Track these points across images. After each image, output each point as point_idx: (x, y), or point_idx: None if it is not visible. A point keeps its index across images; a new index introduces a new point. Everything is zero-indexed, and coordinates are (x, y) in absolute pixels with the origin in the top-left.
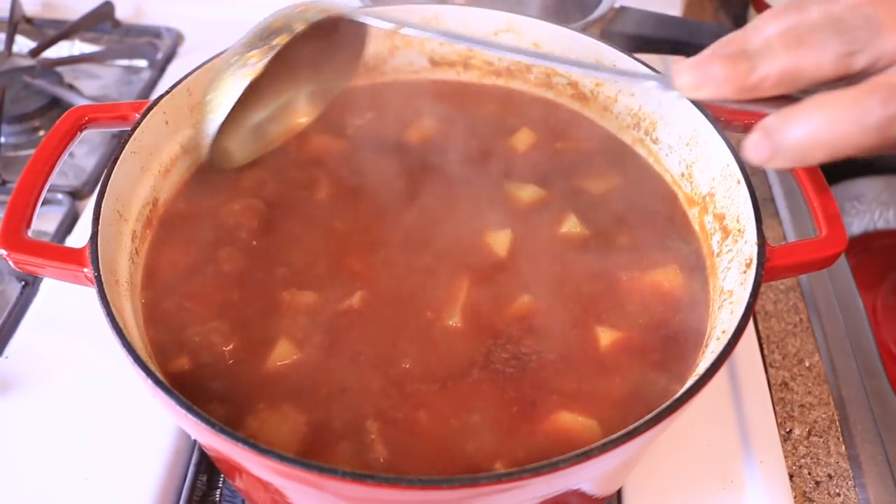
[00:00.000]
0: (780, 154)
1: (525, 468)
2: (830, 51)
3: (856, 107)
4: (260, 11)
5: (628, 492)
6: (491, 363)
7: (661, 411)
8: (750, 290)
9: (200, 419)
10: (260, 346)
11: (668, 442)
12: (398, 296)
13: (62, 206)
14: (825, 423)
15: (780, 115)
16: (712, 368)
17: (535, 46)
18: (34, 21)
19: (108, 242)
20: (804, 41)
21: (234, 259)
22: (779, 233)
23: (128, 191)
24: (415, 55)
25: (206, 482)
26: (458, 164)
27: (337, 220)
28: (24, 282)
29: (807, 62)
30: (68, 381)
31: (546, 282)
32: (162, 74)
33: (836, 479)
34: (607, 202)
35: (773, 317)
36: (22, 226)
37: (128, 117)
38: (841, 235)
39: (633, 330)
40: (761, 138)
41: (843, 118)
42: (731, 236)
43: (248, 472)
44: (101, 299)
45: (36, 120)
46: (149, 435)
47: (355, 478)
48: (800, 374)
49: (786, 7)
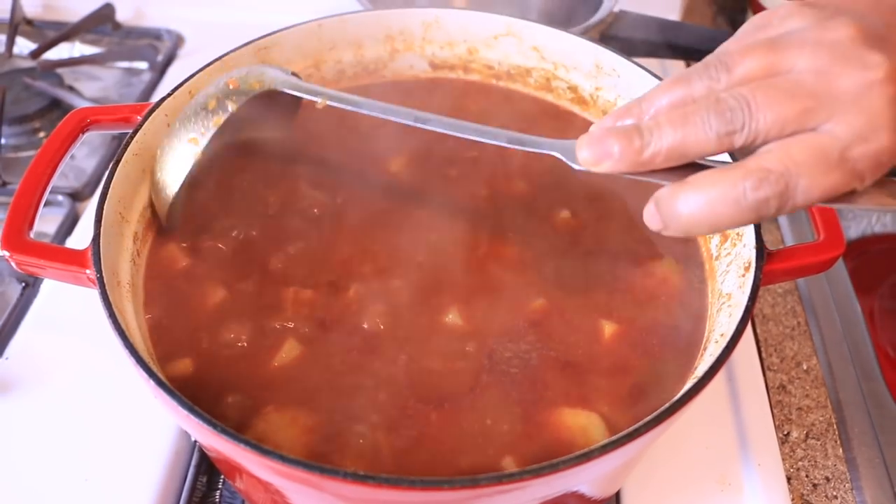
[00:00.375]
0: (669, 226)
1: (526, 469)
2: (713, 130)
3: (731, 191)
4: (258, 14)
5: (627, 494)
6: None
7: (660, 413)
8: (748, 293)
9: (203, 420)
10: (264, 347)
11: (666, 444)
12: (399, 297)
13: (62, 208)
14: (822, 426)
15: (669, 189)
16: (711, 371)
17: (534, 50)
18: (35, 23)
19: (110, 244)
20: (688, 119)
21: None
22: (777, 236)
23: (129, 192)
24: (415, 58)
25: (205, 483)
26: (458, 163)
27: (337, 214)
28: (25, 283)
29: (692, 139)
30: (68, 383)
31: (543, 283)
32: (162, 76)
33: (833, 481)
34: (606, 203)
35: (771, 320)
36: (24, 227)
37: (130, 119)
38: (839, 239)
39: (632, 331)
40: (654, 210)
41: (719, 200)
42: (730, 240)
43: (249, 473)
44: (104, 301)
45: (36, 121)
46: (149, 436)
47: (356, 478)
48: (797, 378)
49: (675, 79)
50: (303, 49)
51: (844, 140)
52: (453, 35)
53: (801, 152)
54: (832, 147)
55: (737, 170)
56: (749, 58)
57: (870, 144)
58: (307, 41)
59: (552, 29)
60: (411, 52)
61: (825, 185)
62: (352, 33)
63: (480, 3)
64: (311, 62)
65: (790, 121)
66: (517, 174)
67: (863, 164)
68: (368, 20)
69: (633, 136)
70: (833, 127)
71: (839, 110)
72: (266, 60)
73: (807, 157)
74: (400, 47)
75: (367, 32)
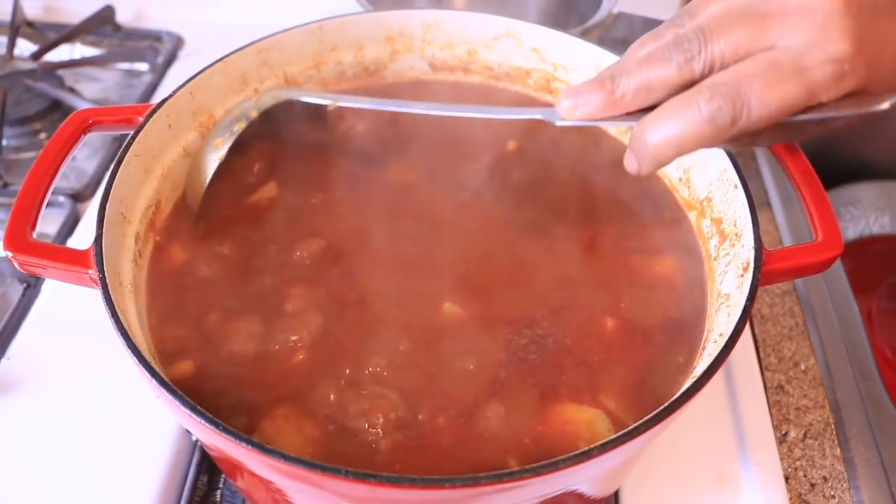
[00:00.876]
0: (642, 160)
1: (526, 468)
2: (673, 62)
3: (687, 108)
4: (258, 16)
5: (625, 493)
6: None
7: (658, 413)
8: (747, 293)
9: (205, 419)
10: (270, 347)
11: (665, 443)
12: (403, 289)
13: (64, 209)
14: (820, 426)
15: (638, 124)
16: (709, 371)
17: (534, 51)
18: (35, 24)
19: (112, 244)
20: (653, 58)
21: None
22: (775, 237)
23: (131, 193)
24: (415, 60)
25: (206, 482)
26: (457, 162)
27: (342, 212)
28: (27, 283)
29: (655, 74)
30: (70, 383)
31: (541, 285)
32: (162, 78)
33: (830, 481)
34: (605, 205)
35: (770, 320)
36: (27, 228)
37: (131, 120)
38: (836, 240)
39: (632, 331)
40: (629, 151)
41: (679, 120)
42: (729, 240)
43: (251, 472)
44: (106, 301)
45: (37, 123)
46: (150, 436)
47: (357, 477)
48: (795, 378)
49: (647, 35)
50: (303, 50)
51: (797, 50)
52: (453, 36)
53: (753, 64)
54: (785, 58)
55: (692, 90)
56: (709, 1)
57: (825, 53)
58: (308, 43)
59: (551, 30)
60: (411, 54)
61: (780, 94)
62: (352, 35)
63: (480, 5)
64: (311, 63)
65: (743, 40)
66: (516, 175)
67: (820, 72)
68: (369, 21)
69: (605, 81)
70: (787, 42)
71: (790, 23)
72: (267, 62)
73: (758, 68)
74: (400, 48)
75: (367, 34)
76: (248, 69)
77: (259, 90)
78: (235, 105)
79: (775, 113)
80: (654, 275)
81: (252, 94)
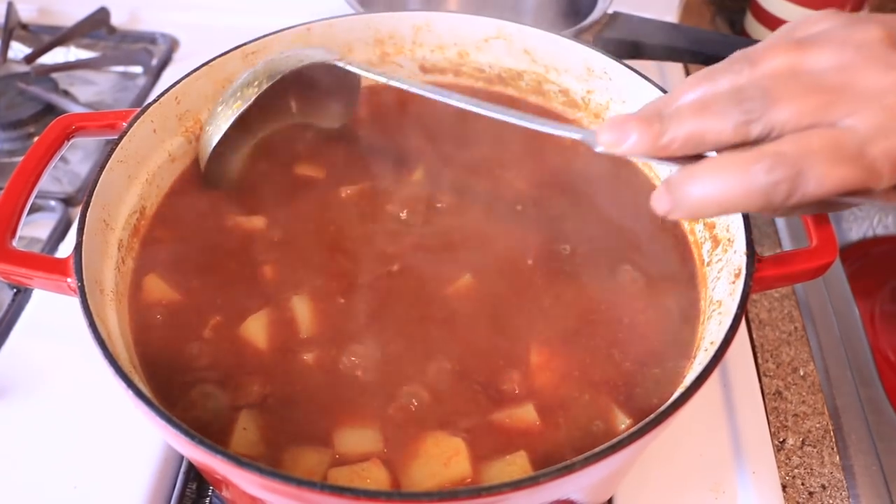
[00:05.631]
0: (678, 208)
1: (504, 483)
2: (731, 118)
3: (743, 173)
4: (253, 18)
5: (619, 501)
6: None
7: (645, 424)
8: (738, 301)
9: (180, 430)
10: None
11: (659, 451)
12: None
13: (55, 213)
14: (819, 433)
15: (682, 172)
16: (699, 380)
17: (525, 53)
18: (30, 27)
19: (94, 252)
20: (708, 108)
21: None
22: (775, 241)
23: (115, 200)
24: (406, 62)
25: (195, 490)
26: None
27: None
28: (16, 289)
29: (709, 127)
30: (59, 389)
31: (534, 288)
32: (157, 81)
33: (829, 489)
34: (596, 208)
35: (768, 325)
36: (7, 235)
37: (115, 125)
38: (831, 246)
39: (622, 338)
40: (664, 192)
41: (731, 181)
42: (721, 246)
43: (233, 484)
44: (84, 309)
45: (31, 126)
46: (138, 443)
47: (333, 490)
48: (794, 384)
49: (700, 75)
50: None
51: (863, 135)
52: (444, 38)
53: (818, 141)
54: (850, 140)
55: (751, 152)
56: (773, 53)
57: (889, 142)
58: (295, 45)
59: (542, 32)
60: (402, 56)
61: (839, 175)
62: (341, 37)
63: (474, 6)
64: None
65: (808, 113)
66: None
67: (881, 161)
68: (357, 24)
69: (654, 121)
70: (853, 122)
71: (860, 106)
72: (253, 66)
73: (822, 145)
74: (390, 51)
75: (356, 36)
76: (234, 73)
77: (245, 95)
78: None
79: (830, 194)
80: (646, 281)
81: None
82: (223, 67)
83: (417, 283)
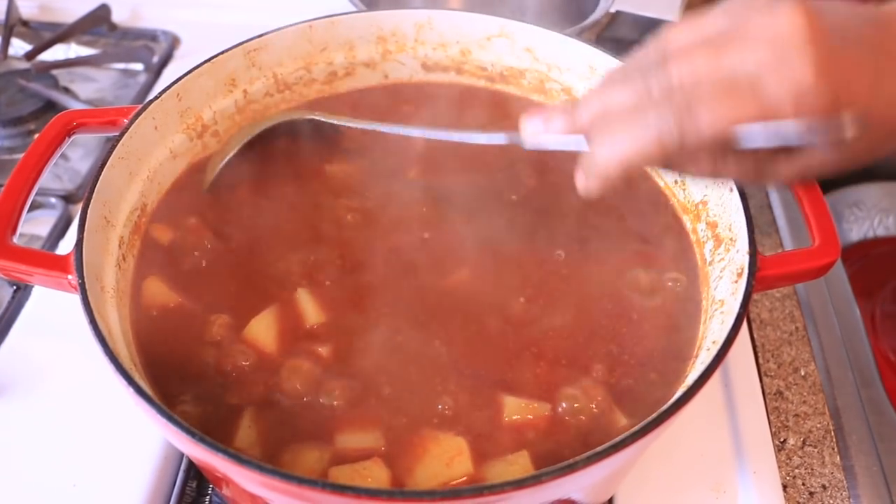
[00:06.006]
0: (588, 174)
1: (507, 482)
2: (631, 85)
3: (634, 124)
4: (255, 15)
5: (620, 500)
6: None
7: (646, 424)
8: (740, 300)
9: (181, 428)
10: None
11: (660, 451)
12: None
13: (56, 210)
14: (820, 433)
15: (590, 146)
16: (700, 380)
17: (527, 51)
18: (30, 24)
19: (95, 249)
20: (614, 82)
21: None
22: (776, 240)
23: (115, 196)
24: (408, 60)
25: (195, 488)
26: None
27: (337, 214)
28: (16, 286)
29: (613, 97)
30: (59, 387)
31: (535, 287)
32: (158, 78)
33: (830, 489)
34: (597, 207)
35: (769, 325)
36: (7, 232)
37: (116, 122)
38: (834, 245)
39: (625, 337)
40: (579, 170)
41: (626, 136)
42: (724, 245)
43: (234, 482)
44: (85, 307)
45: (31, 123)
46: (138, 441)
47: (335, 489)
48: (795, 384)
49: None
50: (293, 51)
51: (753, 70)
52: (446, 36)
53: (707, 79)
54: (740, 75)
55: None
56: (676, 30)
57: (784, 76)
58: (297, 43)
59: (545, 30)
60: (404, 54)
61: (730, 107)
62: (343, 35)
63: (477, 4)
64: (301, 64)
65: (701, 65)
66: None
67: (777, 93)
68: (360, 21)
69: (569, 106)
70: (742, 59)
71: (751, 49)
72: (256, 63)
73: (712, 81)
74: (392, 49)
75: (358, 34)
76: (236, 70)
77: (248, 91)
78: (224, 107)
79: (726, 129)
80: (651, 280)
81: (241, 96)
82: (225, 65)
83: (417, 283)
